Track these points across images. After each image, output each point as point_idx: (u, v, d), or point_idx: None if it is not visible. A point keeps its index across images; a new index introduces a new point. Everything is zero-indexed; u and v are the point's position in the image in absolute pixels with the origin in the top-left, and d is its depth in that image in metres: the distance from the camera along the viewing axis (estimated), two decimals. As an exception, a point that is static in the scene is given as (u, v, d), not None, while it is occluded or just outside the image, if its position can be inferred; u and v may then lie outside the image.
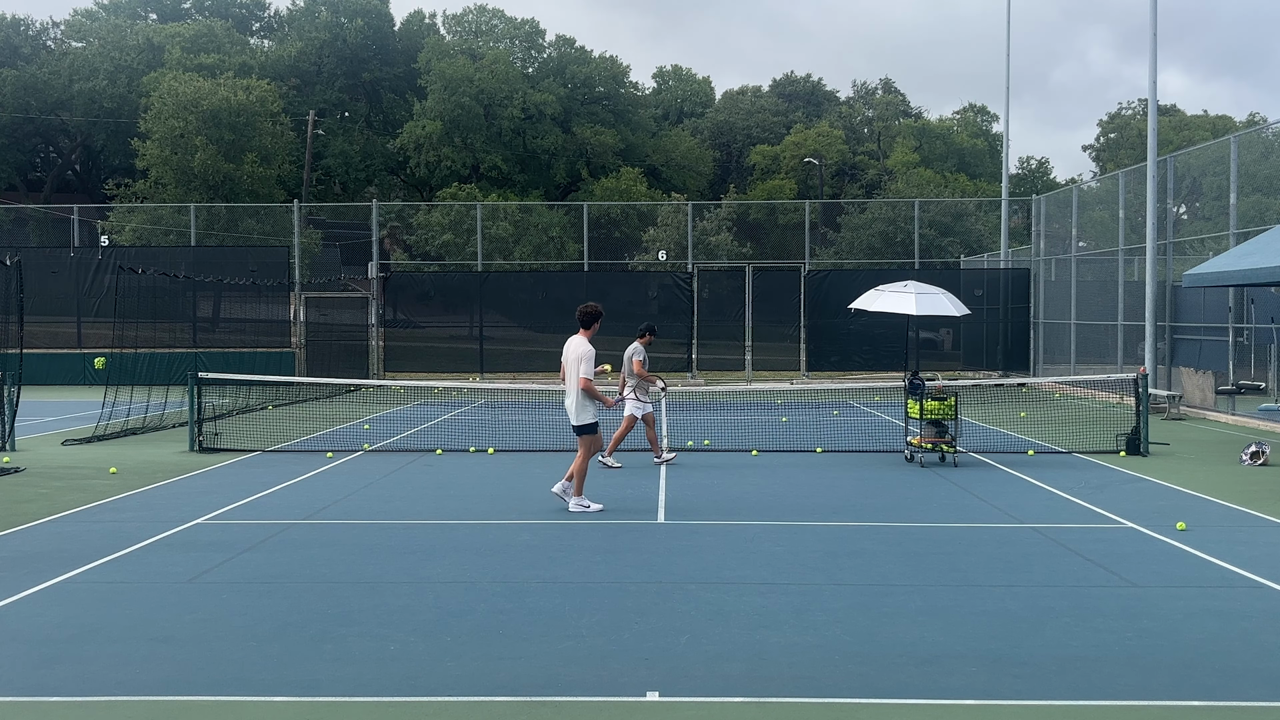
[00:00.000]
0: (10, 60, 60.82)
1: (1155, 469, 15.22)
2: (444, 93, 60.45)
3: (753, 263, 43.78)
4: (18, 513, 11.82)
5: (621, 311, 35.03)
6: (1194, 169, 30.30)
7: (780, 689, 6.33)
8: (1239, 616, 7.85)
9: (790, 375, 33.95)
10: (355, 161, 63.71)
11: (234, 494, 12.95)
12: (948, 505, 12.43)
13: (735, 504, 12.44)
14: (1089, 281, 30.76)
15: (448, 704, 6.16)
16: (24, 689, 6.37)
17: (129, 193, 50.89)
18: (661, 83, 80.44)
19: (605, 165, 63.33)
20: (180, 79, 51.36)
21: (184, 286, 29.81)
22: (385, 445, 17.86)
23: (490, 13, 68.67)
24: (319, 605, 8.12)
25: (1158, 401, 22.47)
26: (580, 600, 8.23)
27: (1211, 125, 62.93)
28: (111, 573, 9.17)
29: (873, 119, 76.49)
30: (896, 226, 50.97)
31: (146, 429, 19.49)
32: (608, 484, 13.73)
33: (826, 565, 9.45)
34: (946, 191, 58.20)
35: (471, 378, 32.49)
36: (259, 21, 73.26)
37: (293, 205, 38.67)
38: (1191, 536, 10.56)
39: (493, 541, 10.38)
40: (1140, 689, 6.36)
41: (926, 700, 6.18)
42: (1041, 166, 78.60)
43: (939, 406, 15.60)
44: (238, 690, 6.34)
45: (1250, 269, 17.23)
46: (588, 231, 40.38)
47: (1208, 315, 25.03)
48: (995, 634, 7.40)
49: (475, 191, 57.58)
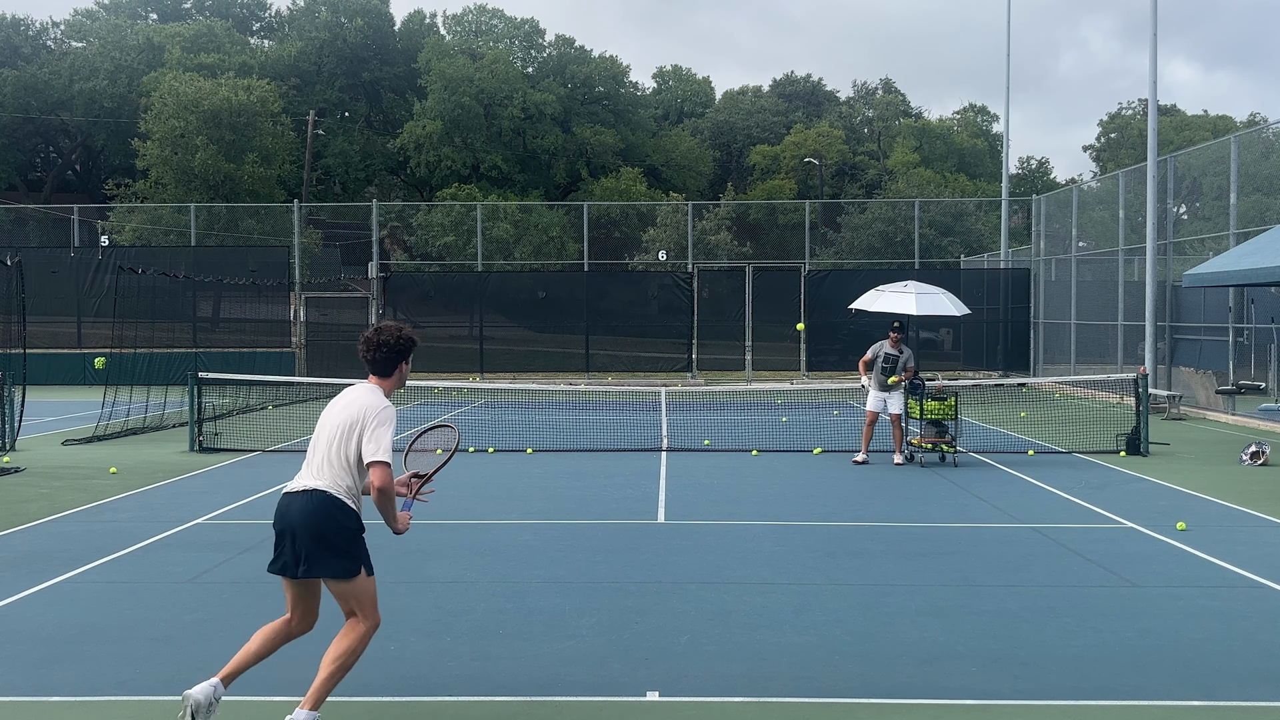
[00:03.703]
0: (10, 60, 60.81)
1: (1155, 469, 15.21)
2: (444, 93, 60.45)
3: (753, 263, 43.79)
4: (18, 513, 11.82)
5: (621, 311, 35.17)
6: (1194, 169, 30.31)
7: (780, 689, 6.33)
8: (1239, 616, 7.85)
9: (790, 375, 33.95)
10: (355, 161, 63.72)
11: (234, 494, 12.95)
12: (948, 505, 12.42)
13: (735, 504, 12.43)
14: (1089, 281, 30.75)
15: (448, 704, 6.16)
16: (24, 689, 6.36)
17: (129, 193, 50.90)
18: (661, 83, 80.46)
19: (605, 165, 63.34)
20: (180, 79, 51.37)
21: (184, 286, 29.81)
22: (385, 445, 17.82)
23: (490, 12, 68.70)
24: (319, 605, 8.10)
25: (1158, 401, 22.47)
26: (580, 600, 8.23)
27: (1212, 125, 62.92)
28: (111, 573, 9.17)
29: (873, 119, 76.51)
30: (896, 226, 50.96)
31: (146, 429, 19.49)
32: (608, 484, 13.73)
33: (826, 565, 9.45)
34: (946, 191, 58.20)
35: (471, 378, 32.49)
36: (259, 21, 73.27)
37: (293, 205, 38.67)
38: (1191, 536, 10.56)
39: (493, 541, 10.38)
40: (1140, 689, 6.36)
41: (926, 700, 6.18)
42: (1042, 166, 78.65)
43: (939, 406, 15.59)
44: (237, 690, 6.32)
45: (1250, 269, 17.23)
46: (588, 231, 40.39)
47: (1208, 315, 25.04)
48: (995, 634, 7.40)
49: (475, 191, 57.59)
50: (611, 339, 35.57)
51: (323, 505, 5.61)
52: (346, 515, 5.64)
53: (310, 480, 5.69)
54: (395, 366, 5.96)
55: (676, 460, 15.93)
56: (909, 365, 15.72)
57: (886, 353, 15.77)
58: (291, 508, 5.68)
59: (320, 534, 5.59)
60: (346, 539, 5.64)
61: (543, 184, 63.64)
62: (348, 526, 5.64)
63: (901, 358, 15.69)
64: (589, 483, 13.65)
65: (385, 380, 5.95)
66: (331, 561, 5.61)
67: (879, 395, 15.80)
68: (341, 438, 5.71)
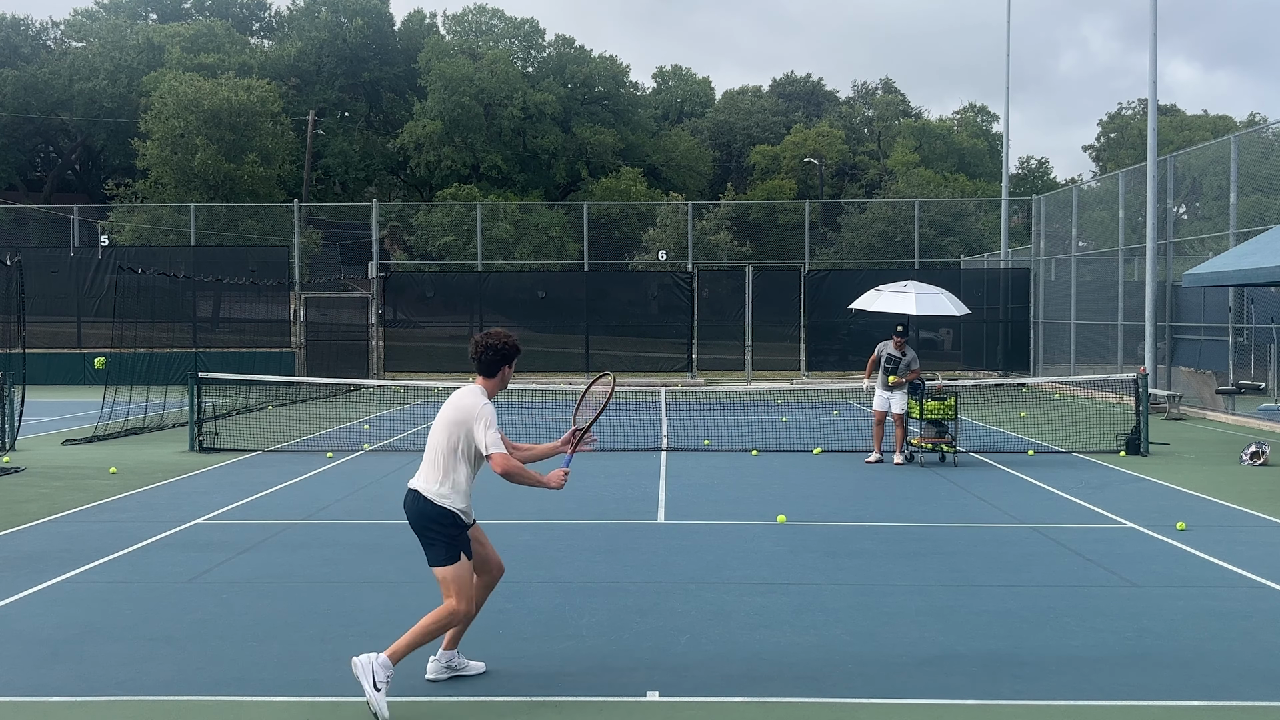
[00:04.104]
0: (10, 60, 60.82)
1: (1155, 469, 15.21)
2: (444, 92, 60.46)
3: (753, 263, 43.77)
4: (18, 513, 11.82)
5: (621, 311, 35.15)
6: (1194, 169, 30.32)
7: (780, 689, 6.33)
8: (1239, 616, 7.85)
9: (790, 375, 33.95)
10: (355, 161, 63.72)
11: (234, 494, 12.95)
12: (948, 505, 12.42)
13: (735, 504, 12.43)
14: (1089, 281, 30.76)
15: (447, 704, 6.16)
16: (24, 689, 6.36)
17: (129, 193, 50.90)
18: (661, 82, 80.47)
19: (605, 165, 63.34)
20: (180, 79, 51.38)
21: (184, 286, 29.82)
22: (385, 445, 17.86)
23: (490, 12, 68.70)
24: (319, 605, 8.12)
25: (1158, 401, 22.47)
26: (580, 600, 8.23)
27: (1212, 125, 62.92)
28: (111, 573, 9.17)
29: (873, 119, 76.51)
30: (896, 226, 50.97)
31: (146, 429, 19.49)
32: (608, 484, 13.73)
33: (826, 565, 9.44)
34: (946, 191, 58.20)
35: (472, 378, 32.44)
36: (259, 21, 73.27)
37: (293, 205, 38.66)
38: (1191, 536, 10.56)
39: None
40: (1140, 689, 6.36)
41: (926, 700, 6.18)
42: (1041, 166, 78.64)
43: (939, 406, 15.59)
44: (238, 690, 6.34)
45: (1250, 269, 17.22)
46: (588, 231, 40.39)
47: (1208, 315, 25.04)
48: (995, 634, 7.40)
49: (475, 191, 57.60)
50: (611, 339, 35.56)
51: (414, 503, 6.34)
52: (435, 511, 6.26)
53: (414, 480, 6.43)
54: (499, 369, 6.60)
55: (676, 460, 15.93)
56: (913, 367, 15.75)
57: (889, 354, 15.83)
58: (405, 503, 6.44)
59: (416, 528, 6.35)
60: (435, 532, 6.26)
61: (543, 184, 63.65)
62: (437, 521, 6.25)
63: (904, 359, 15.73)
64: (589, 483, 13.64)
65: (489, 381, 6.61)
66: (427, 551, 6.35)
67: (883, 395, 15.88)
68: (445, 438, 6.36)
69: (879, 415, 16.02)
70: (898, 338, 15.84)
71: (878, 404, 16.00)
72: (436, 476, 6.28)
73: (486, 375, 6.54)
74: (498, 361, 6.51)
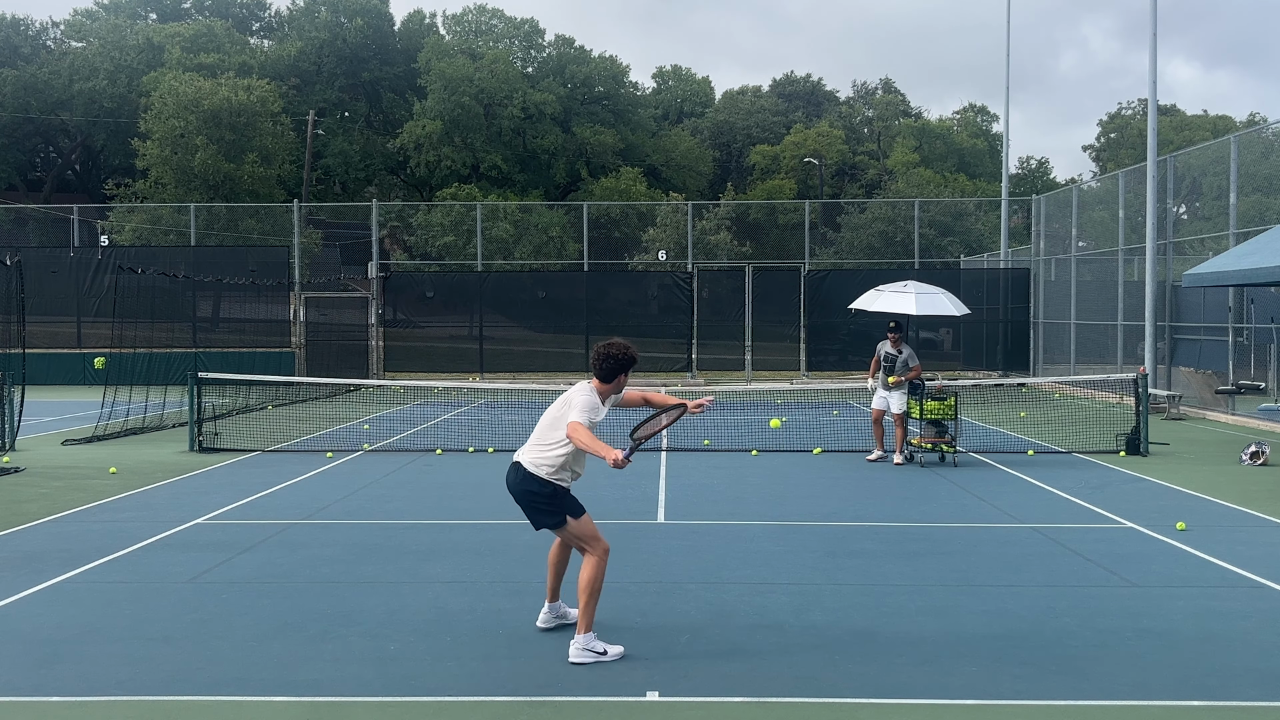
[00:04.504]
0: (10, 60, 60.83)
1: (1155, 469, 15.21)
2: (444, 92, 60.46)
3: (752, 263, 43.78)
4: (18, 513, 11.82)
5: (621, 311, 35.16)
6: (1194, 169, 30.30)
7: (780, 689, 6.33)
8: (1239, 616, 7.85)
9: (790, 375, 33.96)
10: (355, 161, 63.72)
11: (234, 494, 12.95)
12: (947, 505, 12.42)
13: (735, 504, 12.43)
14: (1089, 281, 30.76)
15: (448, 704, 6.16)
16: (24, 689, 6.36)
17: (129, 193, 50.90)
18: (661, 82, 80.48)
19: (605, 165, 63.35)
20: (180, 79, 51.38)
21: (184, 286, 29.82)
22: (385, 445, 17.86)
23: (490, 12, 68.70)
24: (319, 605, 8.12)
25: (1158, 401, 22.48)
26: (580, 600, 8.21)
27: (1212, 125, 62.93)
28: (111, 573, 9.17)
29: (873, 119, 76.52)
30: (896, 226, 50.97)
31: (146, 429, 19.49)
32: (608, 484, 13.73)
33: (826, 565, 9.44)
34: (946, 191, 58.21)
35: (471, 378, 32.50)
36: (259, 21, 73.28)
37: (293, 205, 38.66)
38: (1191, 536, 10.56)
39: (493, 541, 10.37)
40: (1140, 689, 6.36)
41: (926, 700, 6.18)
42: (1041, 166, 78.65)
43: (939, 406, 15.59)
44: (238, 690, 6.34)
45: (1250, 269, 17.22)
46: (587, 231, 40.38)
47: (1208, 315, 25.04)
48: (995, 634, 7.40)
49: (475, 191, 57.59)
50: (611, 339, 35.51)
51: (517, 476, 7.08)
52: (537, 483, 6.97)
53: (519, 454, 7.13)
54: (615, 376, 7.20)
55: (676, 460, 15.93)
56: (912, 365, 15.76)
57: (887, 352, 15.87)
58: (508, 477, 7.16)
59: (522, 499, 7.08)
60: (544, 500, 6.99)
61: (543, 184, 63.65)
62: (540, 492, 6.97)
63: (901, 357, 15.75)
64: (589, 483, 13.57)
65: (604, 385, 7.19)
66: (541, 519, 7.05)
67: (882, 394, 15.92)
68: (550, 418, 7.06)
69: (876, 414, 16.07)
70: (892, 335, 15.89)
71: (876, 403, 16.06)
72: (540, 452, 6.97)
73: (604, 381, 7.15)
74: (616, 370, 7.14)
